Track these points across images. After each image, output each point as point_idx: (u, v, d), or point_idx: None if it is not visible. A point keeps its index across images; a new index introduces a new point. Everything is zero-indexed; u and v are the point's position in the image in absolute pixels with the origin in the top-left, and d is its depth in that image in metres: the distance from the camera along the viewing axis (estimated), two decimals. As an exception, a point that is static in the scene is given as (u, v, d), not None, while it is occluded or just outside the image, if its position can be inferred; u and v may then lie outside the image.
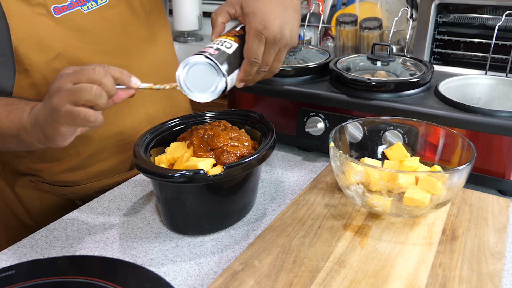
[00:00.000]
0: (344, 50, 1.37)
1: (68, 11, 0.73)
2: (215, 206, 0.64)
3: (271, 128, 0.69)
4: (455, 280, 0.53)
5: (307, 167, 0.86)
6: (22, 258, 0.62)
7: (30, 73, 0.72)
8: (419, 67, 0.87)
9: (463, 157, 0.66)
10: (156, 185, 0.64)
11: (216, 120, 0.75)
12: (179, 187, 0.62)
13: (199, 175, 0.58)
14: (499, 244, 0.60)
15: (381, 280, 0.53)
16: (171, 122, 0.74)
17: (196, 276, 0.58)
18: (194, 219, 0.64)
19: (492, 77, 0.85)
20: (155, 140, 0.70)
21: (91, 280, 0.53)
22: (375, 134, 0.75)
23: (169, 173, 0.57)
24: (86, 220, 0.70)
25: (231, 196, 0.65)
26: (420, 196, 0.61)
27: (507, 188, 0.73)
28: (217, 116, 0.77)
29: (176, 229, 0.66)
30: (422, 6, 1.17)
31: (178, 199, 0.63)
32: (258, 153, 0.62)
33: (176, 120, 0.74)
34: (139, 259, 0.61)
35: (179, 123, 0.74)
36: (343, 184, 0.66)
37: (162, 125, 0.72)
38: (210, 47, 0.62)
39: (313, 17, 1.49)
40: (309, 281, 0.53)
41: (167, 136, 0.72)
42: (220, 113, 0.77)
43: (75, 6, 0.74)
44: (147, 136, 0.69)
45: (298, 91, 0.86)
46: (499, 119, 0.70)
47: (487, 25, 1.12)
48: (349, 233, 0.62)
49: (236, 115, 0.76)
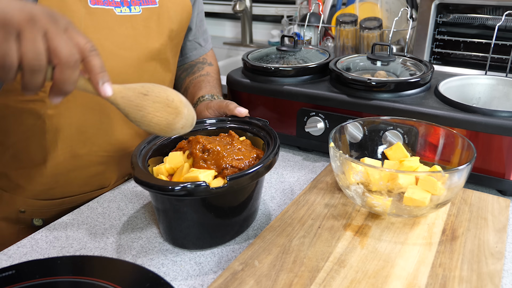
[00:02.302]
0: (344, 50, 1.37)
1: (102, 6, 0.73)
2: (216, 219, 0.62)
3: (274, 136, 0.67)
4: (455, 280, 0.53)
5: (307, 167, 0.86)
6: (22, 258, 0.62)
7: None
8: (419, 67, 0.87)
9: (463, 157, 0.66)
10: (154, 198, 0.62)
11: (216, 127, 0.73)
12: (180, 200, 0.59)
13: (201, 188, 0.55)
14: (499, 244, 0.60)
15: (381, 280, 0.53)
16: None
17: (196, 276, 0.58)
18: (195, 233, 0.62)
19: (492, 77, 0.85)
20: (153, 150, 0.67)
21: (91, 280, 0.53)
22: (375, 134, 0.75)
23: (169, 186, 0.54)
24: (86, 220, 0.70)
25: (233, 208, 0.63)
26: (420, 196, 0.61)
27: (507, 188, 0.73)
28: (217, 123, 0.75)
29: (176, 243, 0.64)
30: (422, 6, 1.17)
31: (178, 212, 0.60)
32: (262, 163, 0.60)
33: None
34: (139, 259, 0.61)
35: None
36: (343, 184, 0.66)
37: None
38: None
39: (313, 17, 1.49)
40: (309, 281, 0.53)
41: (166, 145, 0.69)
42: (221, 120, 0.76)
43: (110, 5, 0.74)
44: (144, 146, 0.66)
45: (298, 91, 0.86)
46: (499, 119, 0.70)
47: (487, 25, 1.12)
48: (349, 233, 0.62)
49: (238, 122, 0.75)
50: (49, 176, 0.79)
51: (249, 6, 1.91)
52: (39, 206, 0.81)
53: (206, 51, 1.04)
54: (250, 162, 0.64)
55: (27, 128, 0.74)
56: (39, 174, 0.78)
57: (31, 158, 0.77)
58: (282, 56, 0.96)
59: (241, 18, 1.95)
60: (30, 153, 0.77)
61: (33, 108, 0.73)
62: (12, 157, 0.78)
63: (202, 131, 0.73)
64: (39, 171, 0.78)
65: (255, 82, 0.91)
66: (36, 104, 0.72)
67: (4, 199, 0.81)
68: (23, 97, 0.71)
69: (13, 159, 0.78)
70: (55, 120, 0.74)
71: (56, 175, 0.79)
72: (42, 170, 0.78)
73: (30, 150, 0.77)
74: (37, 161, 0.77)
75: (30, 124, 0.74)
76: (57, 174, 0.79)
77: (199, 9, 0.99)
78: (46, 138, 0.75)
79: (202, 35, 1.03)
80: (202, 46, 1.03)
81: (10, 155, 0.78)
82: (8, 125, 0.75)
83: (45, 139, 0.75)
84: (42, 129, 0.74)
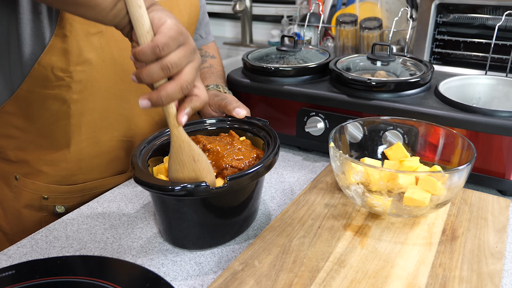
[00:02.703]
0: (344, 50, 1.37)
1: None
2: (216, 219, 0.62)
3: (274, 136, 0.67)
4: (455, 280, 0.53)
5: (307, 167, 0.86)
6: (22, 258, 0.62)
7: (67, 39, 0.70)
8: (419, 67, 0.87)
9: (463, 157, 0.66)
10: (154, 198, 0.61)
11: (216, 127, 0.73)
12: (180, 200, 0.59)
13: (201, 188, 0.55)
14: (499, 244, 0.60)
15: (381, 280, 0.53)
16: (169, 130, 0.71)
17: (196, 276, 0.58)
18: (195, 233, 0.62)
19: (492, 77, 0.85)
20: (153, 150, 0.67)
21: (91, 280, 0.53)
22: (375, 134, 0.75)
23: (169, 186, 0.54)
24: (86, 220, 0.70)
25: (233, 208, 0.63)
26: (420, 196, 0.61)
27: (507, 188, 0.73)
28: (217, 123, 0.75)
29: (176, 243, 0.64)
30: (422, 6, 1.17)
31: (178, 212, 0.60)
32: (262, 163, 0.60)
33: None
34: (139, 259, 0.61)
35: None
36: (343, 184, 0.66)
37: (160, 133, 0.70)
38: None
39: (313, 17, 1.49)
40: (309, 281, 0.53)
41: (166, 145, 0.68)
42: (221, 120, 0.76)
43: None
44: (144, 146, 0.66)
45: (298, 91, 0.86)
46: (499, 119, 0.70)
47: (487, 25, 1.12)
48: (349, 233, 0.62)
49: (238, 122, 0.74)
50: (73, 161, 0.80)
51: (249, 6, 1.91)
52: (62, 191, 0.82)
53: (206, 43, 1.05)
54: (250, 162, 0.64)
55: (51, 113, 0.75)
56: (63, 159, 0.80)
57: (55, 143, 0.79)
58: (282, 56, 0.96)
59: (241, 18, 1.95)
60: (54, 138, 0.78)
61: (58, 93, 0.73)
62: (34, 143, 0.79)
63: (202, 131, 0.73)
64: (63, 156, 0.79)
65: (255, 82, 0.91)
66: (62, 89, 0.73)
67: (27, 186, 0.82)
68: (49, 83, 0.72)
69: (35, 145, 0.79)
70: (79, 105, 0.75)
71: (79, 160, 0.80)
72: (66, 155, 0.79)
73: (54, 136, 0.78)
74: (60, 146, 0.79)
75: (55, 109, 0.75)
76: (80, 160, 0.81)
77: (202, 2, 1.00)
78: (71, 122, 0.76)
79: (204, 28, 1.04)
80: (203, 38, 1.04)
81: (32, 141, 0.79)
82: (32, 111, 0.76)
83: (70, 124, 0.76)
84: (67, 114, 0.75)
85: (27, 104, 0.75)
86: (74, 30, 0.69)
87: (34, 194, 0.82)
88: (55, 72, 0.71)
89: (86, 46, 0.71)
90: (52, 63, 0.70)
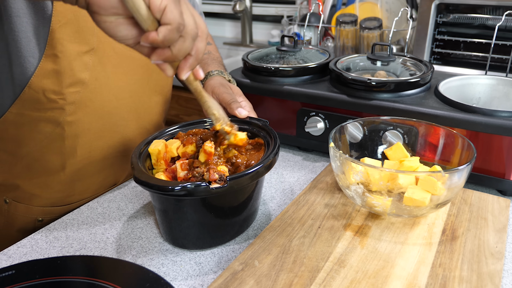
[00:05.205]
0: (344, 50, 1.37)
1: None
2: (216, 219, 0.62)
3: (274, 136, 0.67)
4: (455, 280, 0.53)
5: (307, 167, 0.86)
6: (22, 258, 0.62)
7: (59, 60, 0.68)
8: (419, 67, 0.87)
9: (463, 157, 0.66)
10: (154, 198, 0.62)
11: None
12: (179, 200, 0.59)
13: (201, 188, 0.54)
14: (499, 244, 0.60)
15: (381, 280, 0.53)
16: (169, 130, 0.71)
17: (196, 276, 0.58)
18: (195, 233, 0.62)
19: (492, 77, 0.85)
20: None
21: (91, 280, 0.53)
22: (375, 134, 0.75)
23: (169, 186, 0.54)
24: (86, 220, 0.70)
25: (233, 208, 0.63)
26: (420, 196, 0.61)
27: (507, 188, 0.73)
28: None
29: (176, 243, 0.64)
30: (422, 6, 1.17)
31: (178, 212, 0.60)
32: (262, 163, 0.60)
33: (174, 128, 0.72)
34: (139, 259, 0.61)
35: (177, 130, 0.71)
36: (343, 184, 0.66)
37: (160, 133, 0.70)
38: None
39: (313, 17, 1.49)
40: (309, 281, 0.53)
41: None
42: None
43: None
44: (144, 146, 0.66)
45: (298, 91, 0.86)
46: (499, 119, 0.70)
47: (487, 25, 1.12)
48: (349, 233, 0.62)
49: (238, 122, 0.74)
50: (67, 183, 0.78)
51: (249, 6, 1.91)
52: (57, 212, 0.79)
53: None
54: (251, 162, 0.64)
55: (44, 136, 0.73)
56: (57, 181, 0.77)
57: (48, 166, 0.76)
58: (282, 56, 0.96)
59: (241, 18, 1.95)
60: (47, 161, 0.76)
61: (51, 116, 0.71)
62: (25, 167, 0.76)
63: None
64: (57, 179, 0.77)
65: (255, 82, 0.91)
66: (55, 112, 0.71)
67: (20, 211, 0.79)
68: (41, 106, 0.70)
69: (26, 169, 0.76)
70: (74, 127, 0.73)
71: (73, 181, 0.78)
72: (61, 177, 0.77)
73: (47, 158, 0.75)
74: (54, 169, 0.76)
75: (47, 132, 0.72)
76: (75, 181, 0.78)
77: None
78: (65, 145, 0.74)
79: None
80: None
81: (23, 165, 0.76)
82: (22, 135, 0.73)
83: (64, 146, 0.74)
84: (61, 136, 0.73)
85: (17, 127, 0.72)
86: (65, 50, 0.67)
87: (27, 217, 0.79)
88: (47, 95, 0.69)
89: (78, 65, 0.70)
90: (43, 86, 0.68)
